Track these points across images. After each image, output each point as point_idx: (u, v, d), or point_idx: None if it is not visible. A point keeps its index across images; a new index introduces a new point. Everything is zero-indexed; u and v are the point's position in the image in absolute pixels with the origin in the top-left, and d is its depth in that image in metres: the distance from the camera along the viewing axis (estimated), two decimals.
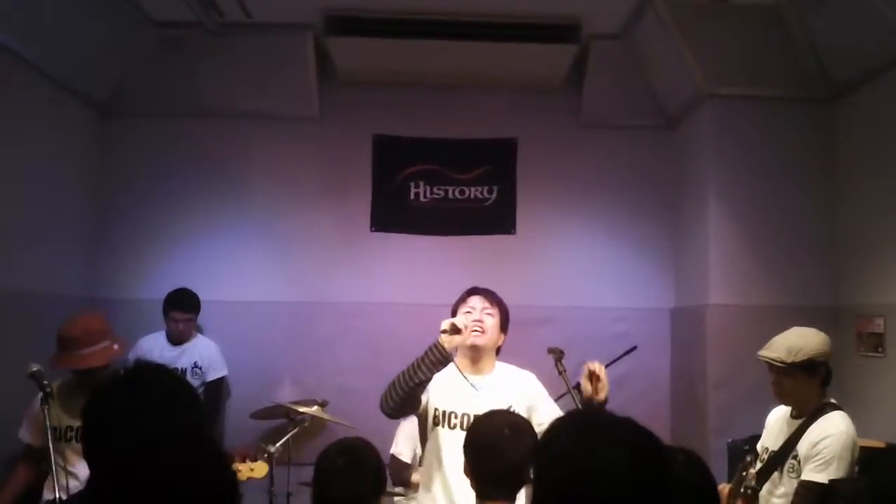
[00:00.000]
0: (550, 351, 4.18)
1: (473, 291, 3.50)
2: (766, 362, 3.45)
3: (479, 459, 2.53)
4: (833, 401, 3.44)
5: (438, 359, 3.14)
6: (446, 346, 3.14)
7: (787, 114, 5.51)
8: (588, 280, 6.18)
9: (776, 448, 3.44)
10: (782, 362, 3.38)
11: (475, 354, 3.37)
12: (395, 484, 4.04)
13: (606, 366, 4.88)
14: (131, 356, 5.21)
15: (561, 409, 3.46)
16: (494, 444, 2.50)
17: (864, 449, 3.47)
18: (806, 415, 3.41)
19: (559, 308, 6.04)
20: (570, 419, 1.64)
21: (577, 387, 4.24)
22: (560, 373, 4.09)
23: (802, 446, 3.33)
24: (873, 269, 5.00)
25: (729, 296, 5.38)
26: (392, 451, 4.61)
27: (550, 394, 4.46)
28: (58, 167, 5.47)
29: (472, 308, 3.40)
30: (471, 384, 3.24)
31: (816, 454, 3.25)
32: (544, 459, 1.55)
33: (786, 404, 3.53)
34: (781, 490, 3.38)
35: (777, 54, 5.38)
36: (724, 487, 3.52)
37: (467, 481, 2.89)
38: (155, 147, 6.11)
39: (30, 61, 4.92)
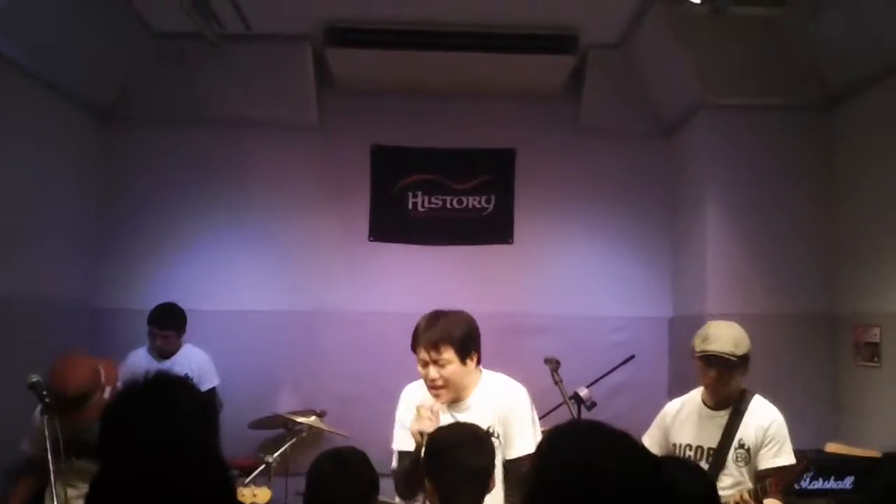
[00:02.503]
0: (547, 361, 4.21)
1: (416, 338, 3.12)
2: (714, 356, 3.35)
3: (437, 469, 2.52)
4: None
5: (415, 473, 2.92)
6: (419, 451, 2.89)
7: (785, 122, 5.53)
8: (586, 289, 6.20)
9: (713, 444, 3.43)
10: (734, 356, 3.34)
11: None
12: (400, 496, 4.03)
13: (604, 375, 4.96)
14: (121, 371, 5.18)
15: (551, 423, 3.37)
16: (451, 451, 2.50)
17: (860, 459, 3.48)
18: (728, 405, 3.43)
19: (557, 317, 6.06)
20: (565, 429, 1.66)
21: (574, 397, 4.28)
22: (556, 383, 4.11)
23: (748, 435, 3.36)
24: (870, 278, 5.01)
25: (727, 305, 5.38)
26: (393, 465, 4.60)
27: (548, 403, 4.49)
28: (59, 175, 5.49)
29: (424, 362, 3.10)
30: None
31: (769, 440, 3.34)
32: (539, 468, 1.57)
33: (718, 398, 3.47)
34: (729, 481, 3.38)
35: (774, 64, 5.40)
36: None
37: None
38: (156, 156, 6.14)
39: (31, 70, 4.94)
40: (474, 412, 3.11)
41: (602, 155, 6.28)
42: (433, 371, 3.07)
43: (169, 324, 5.32)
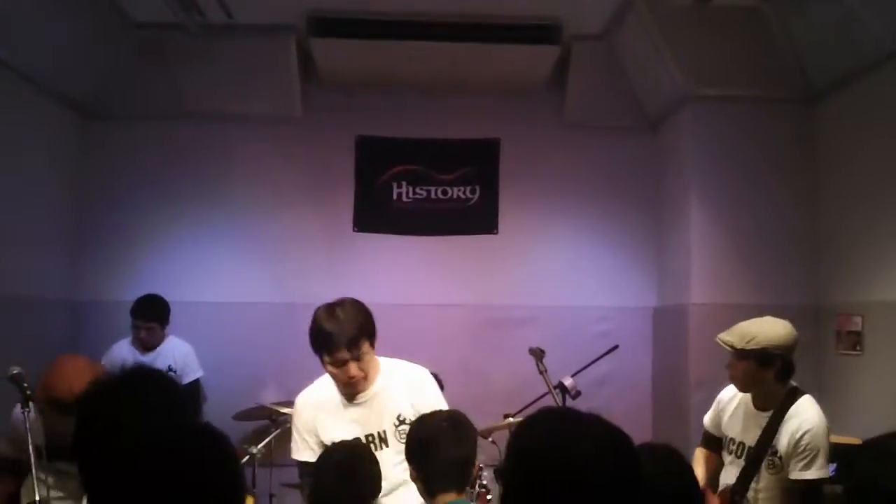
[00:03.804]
0: (532, 351, 4.22)
1: (328, 343, 3.00)
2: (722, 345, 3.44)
3: (420, 456, 2.53)
4: (795, 384, 3.41)
5: None
6: None
7: (768, 115, 5.56)
8: (570, 280, 6.21)
9: (752, 444, 3.40)
10: (733, 347, 3.37)
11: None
12: None
13: (588, 365, 4.98)
14: (104, 362, 5.16)
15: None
16: (433, 437, 2.51)
17: (842, 446, 3.50)
18: (773, 406, 3.37)
19: (542, 308, 6.07)
20: (540, 415, 1.66)
21: (559, 386, 4.29)
22: (541, 372, 4.13)
23: (782, 442, 3.29)
24: (852, 268, 5.05)
25: (710, 295, 5.42)
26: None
27: (533, 392, 4.51)
28: (39, 170, 5.44)
29: (342, 361, 2.97)
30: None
31: (801, 451, 3.24)
32: (514, 455, 1.57)
33: (740, 390, 3.51)
34: (761, 485, 3.36)
35: (757, 56, 5.42)
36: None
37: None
38: (137, 149, 6.08)
39: (10, 64, 4.89)
40: (382, 400, 3.04)
41: (587, 147, 6.28)
42: (354, 368, 2.96)
43: (153, 316, 5.29)
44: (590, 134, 6.27)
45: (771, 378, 3.36)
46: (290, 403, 5.26)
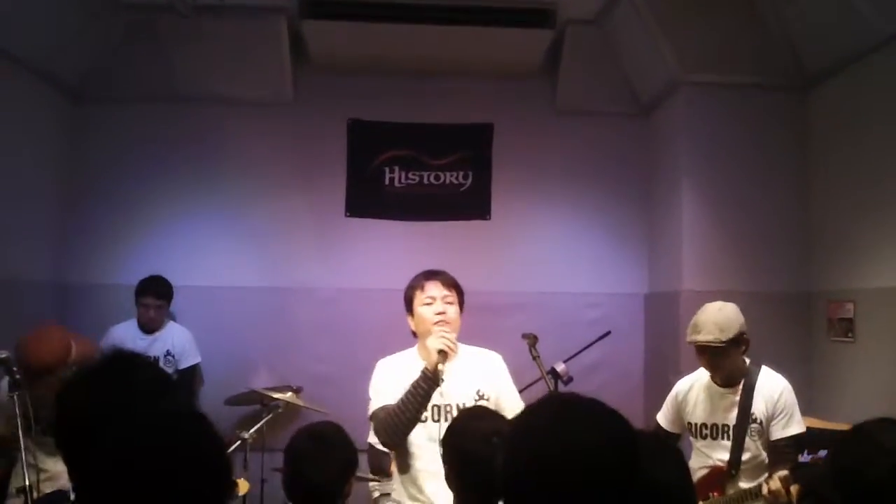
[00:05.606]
0: (525, 337, 4.21)
1: (429, 276, 3.24)
2: (702, 345, 3.53)
3: (463, 469, 2.40)
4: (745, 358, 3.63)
5: (429, 389, 2.98)
6: (434, 368, 2.98)
7: (761, 102, 5.54)
8: (562, 266, 6.21)
9: (727, 421, 3.60)
10: (720, 342, 3.48)
11: None
12: (374, 472, 4.04)
13: (581, 351, 4.98)
14: (103, 345, 5.15)
15: (529, 397, 3.38)
16: (481, 453, 2.30)
17: (834, 433, 3.53)
18: (737, 381, 3.60)
19: (534, 294, 6.06)
20: (543, 402, 1.65)
21: (551, 372, 4.28)
22: (534, 358, 4.12)
23: (759, 409, 3.54)
24: (844, 255, 5.05)
25: (702, 282, 5.42)
26: (369, 440, 4.60)
27: (525, 378, 4.49)
28: (29, 152, 5.38)
29: (432, 298, 3.17)
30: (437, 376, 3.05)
31: (780, 411, 3.53)
32: (517, 442, 1.56)
33: (718, 377, 3.66)
34: (746, 455, 3.56)
35: (751, 43, 5.40)
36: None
37: (437, 476, 2.80)
38: (127, 132, 6.04)
39: None
40: (462, 373, 3.12)
41: (580, 132, 6.26)
42: (441, 305, 3.14)
43: (163, 293, 5.38)
44: (583, 119, 6.25)
45: (741, 356, 3.60)
46: (281, 388, 5.29)
